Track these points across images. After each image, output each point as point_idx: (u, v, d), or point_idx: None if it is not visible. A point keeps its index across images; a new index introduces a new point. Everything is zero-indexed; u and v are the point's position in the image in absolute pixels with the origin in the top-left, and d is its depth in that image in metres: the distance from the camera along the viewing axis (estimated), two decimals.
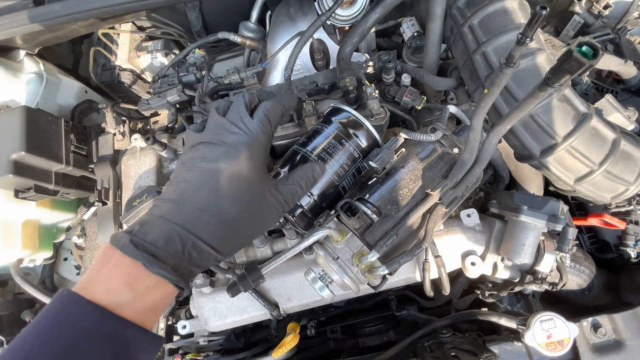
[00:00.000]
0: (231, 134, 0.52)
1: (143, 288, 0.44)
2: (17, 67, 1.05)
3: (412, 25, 0.97)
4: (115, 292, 0.43)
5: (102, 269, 0.45)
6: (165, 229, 0.46)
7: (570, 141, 0.71)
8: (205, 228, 0.47)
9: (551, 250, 0.79)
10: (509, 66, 0.51)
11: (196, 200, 0.49)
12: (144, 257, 0.44)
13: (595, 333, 0.80)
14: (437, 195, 0.64)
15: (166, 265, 0.44)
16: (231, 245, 0.50)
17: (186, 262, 0.46)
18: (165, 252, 0.45)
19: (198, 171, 0.50)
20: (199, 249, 0.47)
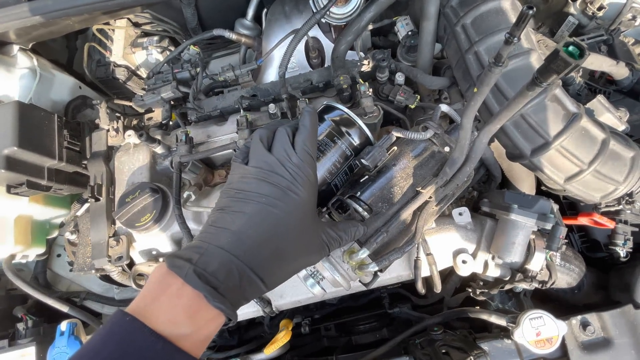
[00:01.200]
0: (283, 176, 0.52)
1: (203, 321, 0.45)
2: (11, 62, 1.04)
3: (407, 25, 0.98)
4: (178, 324, 0.43)
5: (162, 296, 0.45)
6: (226, 261, 0.47)
7: (560, 140, 0.72)
8: (262, 264, 0.48)
9: (541, 249, 0.79)
10: (497, 65, 0.51)
11: (256, 235, 0.49)
12: (206, 290, 0.44)
13: (584, 331, 0.81)
14: (427, 193, 0.64)
15: (226, 300, 0.45)
16: (278, 280, 0.51)
17: (240, 296, 0.47)
18: (225, 286, 0.45)
19: (257, 205, 0.50)
20: (252, 283, 0.48)
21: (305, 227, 0.52)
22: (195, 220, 0.93)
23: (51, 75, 1.11)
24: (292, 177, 0.52)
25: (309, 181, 0.53)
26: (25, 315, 1.03)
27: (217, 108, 1.02)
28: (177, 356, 0.42)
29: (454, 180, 0.66)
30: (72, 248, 1.07)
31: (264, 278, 0.48)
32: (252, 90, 1.02)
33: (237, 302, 0.48)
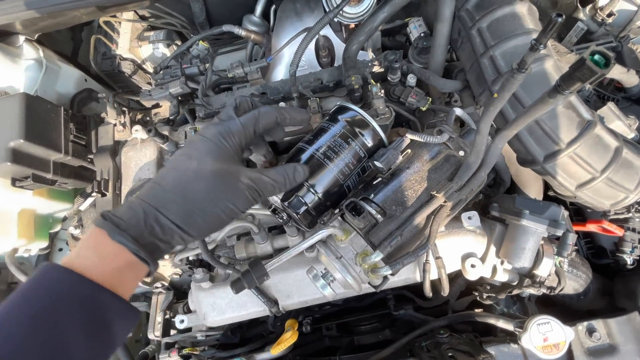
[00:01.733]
0: (211, 125, 0.57)
1: (107, 253, 0.47)
2: (16, 52, 1.03)
3: (420, 26, 0.97)
4: (83, 257, 0.47)
5: (78, 245, 0.50)
6: (133, 206, 0.51)
7: (574, 148, 0.72)
8: (169, 205, 0.51)
9: (550, 254, 0.80)
10: (520, 71, 0.51)
11: (165, 181, 0.53)
12: (107, 226, 0.48)
13: (590, 337, 0.81)
14: (442, 197, 0.64)
15: (126, 234, 0.48)
16: (198, 226, 0.52)
17: (147, 234, 0.50)
18: (127, 224, 0.49)
19: (176, 158, 0.56)
20: (161, 224, 0.50)
21: (217, 171, 0.53)
22: None
23: (57, 67, 1.10)
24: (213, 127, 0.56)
25: (227, 128, 0.56)
26: None
27: (225, 105, 1.01)
28: (92, 288, 0.45)
29: (468, 185, 0.66)
30: (75, 242, 1.06)
31: (175, 220, 0.50)
32: (261, 87, 1.01)
33: (149, 242, 0.50)
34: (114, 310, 0.46)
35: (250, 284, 0.57)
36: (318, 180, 0.69)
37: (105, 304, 0.46)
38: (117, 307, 0.47)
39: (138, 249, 0.48)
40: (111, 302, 0.46)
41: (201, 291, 0.86)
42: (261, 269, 0.58)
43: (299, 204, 0.68)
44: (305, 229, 0.76)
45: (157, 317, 0.94)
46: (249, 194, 0.55)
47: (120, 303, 0.47)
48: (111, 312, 0.46)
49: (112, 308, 0.46)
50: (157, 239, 0.50)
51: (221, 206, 0.53)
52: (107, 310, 0.46)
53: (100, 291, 0.45)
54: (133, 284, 0.51)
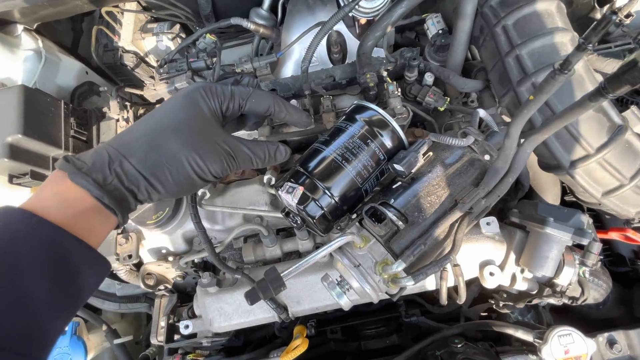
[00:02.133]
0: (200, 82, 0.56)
1: (69, 197, 0.45)
2: (14, 42, 0.98)
3: (438, 22, 0.93)
4: (46, 199, 0.44)
5: (39, 188, 0.47)
6: (99, 150, 0.48)
7: (604, 153, 0.68)
8: (137, 151, 0.48)
9: (571, 263, 0.77)
10: (563, 73, 0.47)
11: (136, 128, 0.51)
12: (68, 168, 0.45)
13: (610, 349, 0.78)
14: (469, 203, 0.60)
15: (88, 177, 0.45)
16: (165, 180, 0.49)
17: (112, 180, 0.47)
18: (90, 167, 0.46)
19: (156, 108, 0.53)
20: (125, 170, 0.47)
21: (193, 128, 0.51)
22: (209, 219, 0.88)
23: (57, 59, 1.05)
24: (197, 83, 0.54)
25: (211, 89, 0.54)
26: None
27: None
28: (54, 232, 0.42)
29: (495, 191, 0.62)
30: None
31: (137, 166, 0.47)
32: (271, 84, 0.97)
33: (114, 187, 0.47)
34: (80, 257, 0.44)
35: (267, 294, 0.54)
36: (335, 183, 0.66)
37: (69, 249, 0.43)
38: (84, 254, 0.44)
39: (102, 194, 0.45)
40: (76, 248, 0.43)
41: (207, 296, 0.82)
42: (278, 278, 0.54)
43: (316, 208, 0.65)
44: (319, 234, 0.72)
45: (160, 322, 0.90)
46: (225, 159, 0.52)
47: (87, 250, 0.44)
48: (77, 258, 0.43)
49: (77, 254, 0.43)
50: (123, 186, 0.47)
51: (192, 164, 0.50)
52: (72, 256, 0.43)
53: (63, 235, 0.42)
54: (102, 233, 0.48)
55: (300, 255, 0.92)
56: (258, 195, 0.88)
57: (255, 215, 0.89)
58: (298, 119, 0.63)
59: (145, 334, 1.21)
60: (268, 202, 0.88)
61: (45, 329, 0.40)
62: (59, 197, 0.44)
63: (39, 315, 0.39)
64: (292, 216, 0.70)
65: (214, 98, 0.53)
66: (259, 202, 0.88)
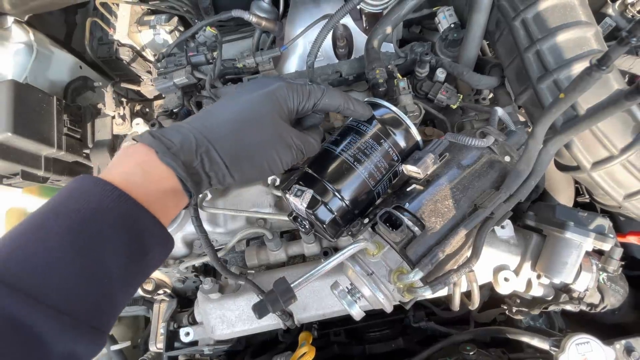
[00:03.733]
0: (279, 79, 0.56)
1: (154, 175, 0.45)
2: (4, 35, 0.93)
3: (450, 16, 0.89)
4: (129, 173, 0.44)
5: (120, 159, 0.47)
6: (184, 131, 0.48)
7: (628, 155, 0.65)
8: (222, 140, 0.49)
9: (588, 267, 0.74)
10: (600, 69, 0.44)
11: (221, 115, 0.51)
12: (158, 146, 0.45)
13: (628, 356, 0.75)
14: (490, 208, 0.57)
15: (177, 159, 0.45)
16: (242, 169, 0.51)
17: (197, 165, 0.47)
18: (178, 148, 0.46)
19: (236, 94, 0.54)
20: (211, 157, 0.48)
21: (273, 123, 0.53)
22: (211, 221, 0.84)
23: (49, 52, 1.00)
24: (283, 81, 0.55)
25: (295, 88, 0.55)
26: None
27: None
28: (135, 208, 0.42)
29: (516, 195, 0.59)
30: None
31: (224, 157, 0.49)
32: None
33: (196, 172, 0.48)
34: (155, 236, 0.44)
35: (276, 307, 0.50)
36: (346, 186, 0.62)
37: (147, 227, 0.43)
38: (158, 233, 0.44)
39: (187, 176, 0.46)
40: (153, 227, 0.43)
41: (209, 302, 0.79)
42: (288, 290, 0.51)
43: (326, 213, 0.61)
44: (328, 239, 0.68)
45: (159, 328, 0.86)
46: (295, 152, 0.55)
47: (161, 229, 0.44)
48: (151, 237, 0.43)
49: (153, 233, 0.43)
50: (203, 171, 0.48)
51: (269, 157, 0.52)
52: (149, 234, 0.43)
53: (144, 213, 0.42)
54: (173, 212, 0.48)
55: (305, 259, 0.89)
56: (262, 196, 0.84)
57: (259, 218, 0.85)
58: (362, 113, 0.64)
59: (143, 338, 1.18)
60: (272, 203, 0.84)
61: (116, 303, 0.41)
62: (145, 174, 0.44)
63: (113, 290, 0.40)
64: (300, 220, 0.66)
65: (295, 98, 0.55)
66: (262, 203, 0.84)
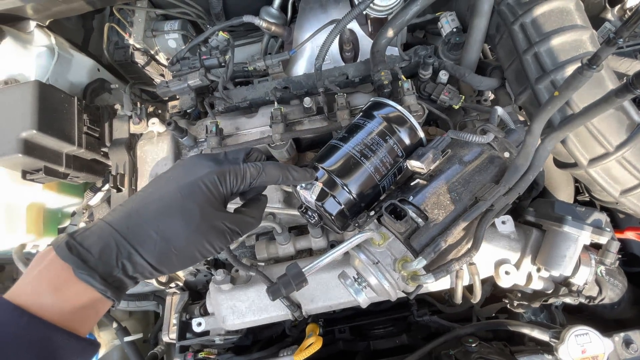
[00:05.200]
0: (216, 159, 0.53)
1: (69, 293, 0.43)
2: (27, 38, 0.98)
3: (452, 21, 0.93)
4: (41, 294, 0.42)
5: (34, 271, 0.44)
6: (105, 236, 0.45)
7: (623, 152, 0.68)
8: (145, 242, 0.46)
9: (587, 262, 0.76)
10: (591, 68, 0.47)
11: (145, 213, 0.48)
12: (73, 261, 0.42)
13: (627, 349, 0.78)
14: (489, 201, 0.60)
15: (94, 273, 0.43)
16: (171, 263, 0.48)
17: (117, 272, 0.45)
18: (96, 260, 0.44)
19: (163, 184, 0.50)
20: (133, 262, 0.46)
21: (207, 215, 0.50)
22: None
23: (69, 56, 1.05)
24: (213, 165, 0.51)
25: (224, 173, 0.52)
26: None
27: (246, 99, 0.97)
28: (46, 329, 0.41)
29: (515, 189, 0.62)
30: None
31: (147, 257, 0.46)
32: (283, 82, 0.97)
33: (117, 279, 0.45)
34: (70, 350, 0.42)
35: (289, 289, 0.53)
36: (353, 180, 0.66)
37: (60, 345, 0.41)
38: (74, 347, 0.43)
39: (105, 289, 0.44)
40: (67, 343, 0.42)
41: (221, 293, 0.82)
42: (300, 274, 0.54)
43: (334, 205, 0.65)
44: (336, 231, 0.72)
45: (172, 319, 0.89)
46: (229, 235, 0.52)
47: (77, 342, 0.43)
48: (66, 352, 0.42)
49: (67, 348, 0.42)
50: (126, 276, 0.46)
51: (200, 248, 0.50)
52: (62, 350, 0.42)
53: (57, 332, 0.41)
54: (94, 319, 0.47)
55: (312, 254, 0.92)
56: (272, 192, 0.88)
57: (269, 213, 0.89)
58: (303, 178, 0.62)
59: (153, 332, 1.21)
60: (282, 199, 0.88)
61: None
62: (58, 293, 0.42)
63: None
64: (310, 213, 0.69)
65: (227, 183, 0.52)
66: (272, 199, 0.87)
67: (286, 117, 0.90)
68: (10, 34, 0.94)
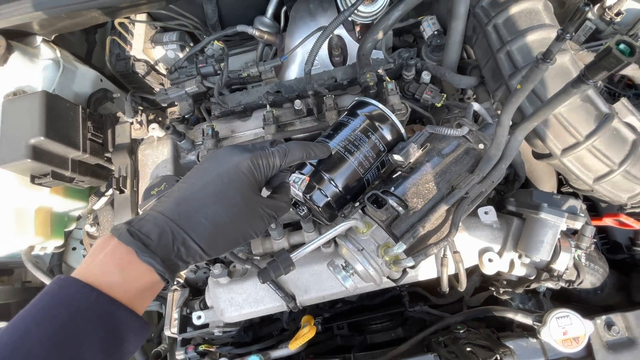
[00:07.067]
0: (246, 149, 0.57)
1: (133, 273, 0.47)
2: (34, 52, 1.04)
3: (433, 24, 0.98)
4: (109, 274, 0.47)
5: (99, 255, 0.48)
6: (160, 224, 0.50)
7: (592, 140, 0.72)
8: (197, 228, 0.51)
9: (567, 248, 0.80)
10: (545, 61, 0.52)
11: (193, 201, 0.52)
12: (136, 245, 0.47)
13: (608, 331, 0.81)
14: (464, 189, 0.64)
15: (155, 256, 0.48)
16: (217, 247, 0.53)
17: (173, 256, 0.50)
18: (156, 244, 0.48)
19: (203, 174, 0.55)
20: (187, 246, 0.50)
21: (243, 199, 0.54)
22: None
23: (74, 67, 1.11)
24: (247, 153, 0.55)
25: (259, 158, 0.56)
26: None
27: (241, 104, 1.02)
28: (112, 305, 0.45)
29: (489, 177, 0.66)
30: (90, 240, 1.07)
31: (199, 242, 0.50)
32: (276, 86, 1.02)
33: (173, 262, 0.50)
34: (131, 327, 0.47)
35: (277, 273, 0.58)
36: (339, 174, 0.70)
37: (123, 321, 0.46)
38: (134, 324, 0.47)
39: (165, 270, 0.48)
40: (129, 320, 0.46)
41: (219, 287, 0.86)
42: (287, 259, 0.58)
43: (321, 197, 0.69)
44: (325, 223, 0.76)
45: (173, 314, 0.94)
46: (267, 219, 0.57)
47: (137, 320, 0.47)
48: (127, 328, 0.46)
49: (129, 325, 0.46)
50: (180, 260, 0.50)
51: (242, 231, 0.54)
52: (125, 327, 0.46)
53: (121, 309, 0.46)
54: (150, 300, 0.51)
55: None
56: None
57: None
58: (323, 153, 0.68)
59: (156, 332, 1.25)
60: None
61: None
62: (123, 273, 0.47)
63: None
64: (299, 206, 0.74)
65: (261, 168, 0.56)
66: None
67: (278, 119, 0.95)
68: (18, 49, 1.00)
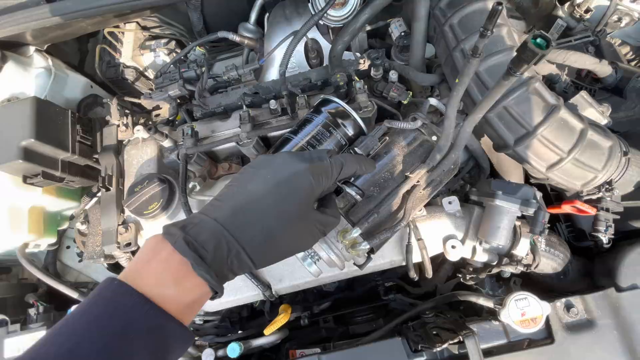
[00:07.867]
0: (305, 158, 0.55)
1: (187, 286, 0.47)
2: (27, 62, 1.11)
3: (400, 26, 1.04)
4: (163, 285, 0.46)
5: (152, 261, 0.47)
6: (217, 234, 0.48)
7: (541, 130, 0.77)
8: (251, 241, 0.49)
9: (527, 235, 0.84)
10: (474, 57, 0.57)
11: (249, 212, 0.50)
12: (193, 258, 0.46)
13: (568, 313, 0.85)
14: (415, 177, 0.69)
15: (210, 270, 0.47)
16: (267, 261, 0.52)
17: (226, 269, 0.49)
18: (212, 257, 0.47)
19: (261, 184, 0.53)
20: (240, 259, 0.49)
21: (299, 215, 0.52)
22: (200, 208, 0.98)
23: (65, 75, 1.18)
24: (309, 163, 0.53)
25: (321, 172, 0.54)
26: (36, 301, 1.08)
27: (220, 105, 1.08)
28: (163, 318, 0.44)
29: (440, 166, 0.71)
30: (82, 238, 1.13)
31: (252, 255, 0.49)
32: (254, 88, 1.08)
33: (224, 275, 0.49)
34: (178, 339, 0.47)
35: None
36: None
37: (172, 333, 0.46)
38: (181, 336, 0.47)
39: (218, 284, 0.48)
40: (178, 332, 0.46)
41: None
42: None
43: None
44: None
45: None
46: (317, 236, 0.56)
47: (184, 332, 0.47)
48: (175, 341, 0.46)
49: (177, 338, 0.46)
50: (231, 272, 0.49)
51: (291, 247, 0.54)
52: (173, 339, 0.46)
53: (171, 322, 0.45)
54: (198, 311, 0.52)
55: None
56: None
57: None
58: (372, 167, 0.68)
59: None
60: None
61: None
62: (178, 287, 0.46)
63: None
64: None
65: (321, 184, 0.54)
66: None
67: (254, 118, 1.00)
68: (12, 58, 1.07)
